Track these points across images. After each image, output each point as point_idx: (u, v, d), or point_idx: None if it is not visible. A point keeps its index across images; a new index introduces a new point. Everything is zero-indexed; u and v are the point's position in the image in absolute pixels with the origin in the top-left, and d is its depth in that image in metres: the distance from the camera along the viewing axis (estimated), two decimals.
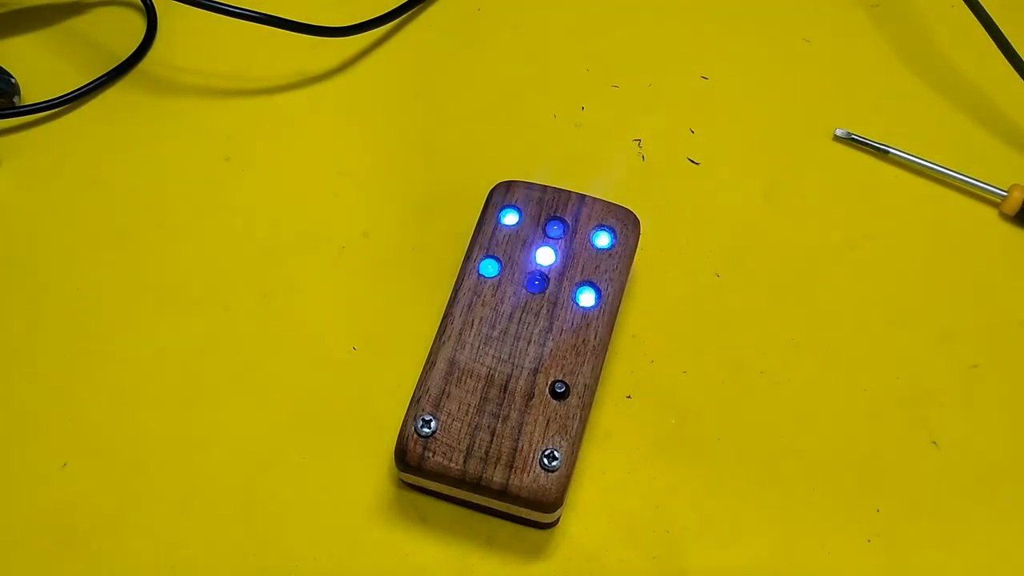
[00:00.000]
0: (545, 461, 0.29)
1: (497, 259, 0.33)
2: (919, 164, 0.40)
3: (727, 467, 0.34)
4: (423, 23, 0.44)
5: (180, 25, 0.43)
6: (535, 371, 0.31)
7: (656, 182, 0.40)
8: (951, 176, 0.39)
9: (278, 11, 0.40)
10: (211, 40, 0.43)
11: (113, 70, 0.42)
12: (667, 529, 0.32)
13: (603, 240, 0.33)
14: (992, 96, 0.42)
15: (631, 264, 0.34)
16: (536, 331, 0.32)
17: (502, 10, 0.44)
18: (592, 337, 0.32)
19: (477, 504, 0.31)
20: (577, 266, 0.33)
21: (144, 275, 0.37)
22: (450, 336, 0.32)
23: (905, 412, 0.35)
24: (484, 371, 0.31)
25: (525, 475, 0.29)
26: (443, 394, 0.31)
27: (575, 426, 0.30)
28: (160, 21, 0.43)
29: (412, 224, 0.39)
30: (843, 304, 0.37)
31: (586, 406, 0.31)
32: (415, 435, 0.30)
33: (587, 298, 0.32)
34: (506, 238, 0.33)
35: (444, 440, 0.30)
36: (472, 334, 0.32)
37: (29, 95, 0.41)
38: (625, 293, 0.33)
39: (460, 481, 0.30)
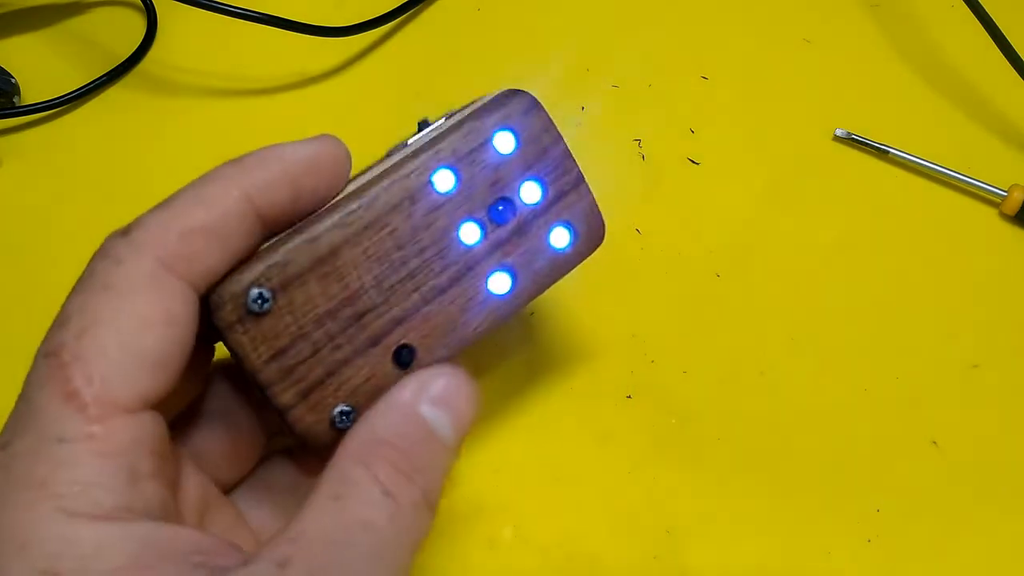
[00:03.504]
0: (338, 417, 0.26)
1: (459, 177, 0.27)
2: (919, 164, 0.40)
3: (727, 467, 0.34)
4: (423, 23, 0.44)
5: (180, 25, 0.43)
6: (399, 321, 0.26)
7: (656, 182, 0.40)
8: (951, 176, 0.39)
9: (278, 11, 0.40)
10: (211, 40, 0.43)
11: (113, 70, 0.42)
12: (667, 529, 0.32)
13: (559, 237, 0.28)
14: (992, 96, 0.42)
15: (564, 275, 0.29)
16: (431, 283, 0.27)
17: (502, 10, 0.44)
18: (474, 323, 0.27)
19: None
20: (517, 246, 0.28)
21: None
22: (351, 224, 0.25)
23: (905, 412, 0.35)
24: (355, 285, 0.25)
25: (311, 414, 0.25)
26: (298, 279, 0.25)
27: None
28: (160, 21, 0.43)
29: None
30: (843, 304, 0.37)
31: None
32: (242, 305, 0.24)
33: (501, 283, 0.28)
34: (484, 162, 0.27)
35: (265, 327, 0.25)
36: (374, 239, 0.26)
37: (29, 95, 0.41)
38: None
39: (251, 374, 0.25)
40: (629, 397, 0.35)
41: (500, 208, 0.27)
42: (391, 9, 0.43)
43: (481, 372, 0.35)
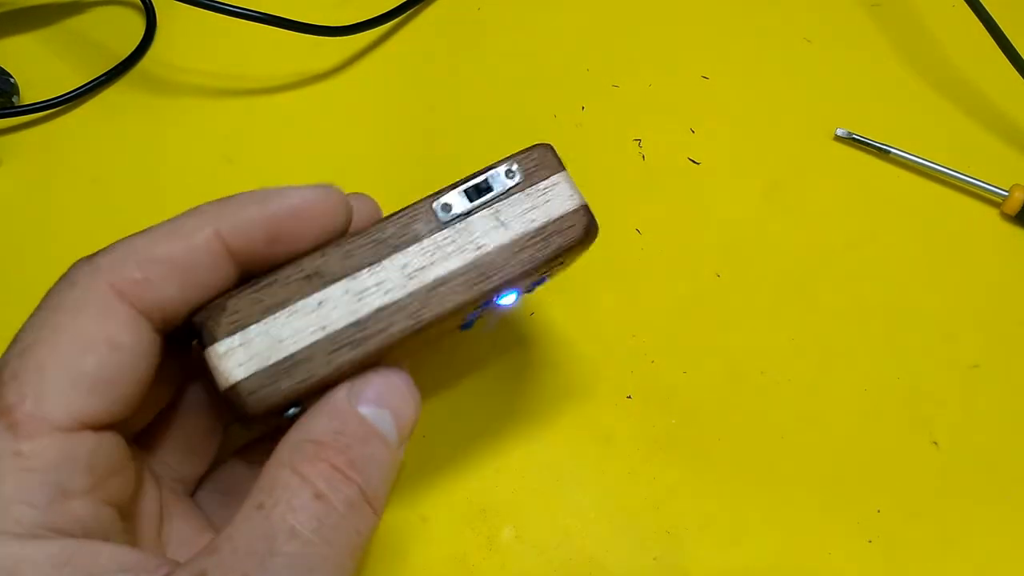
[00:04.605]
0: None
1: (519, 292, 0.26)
2: (920, 164, 0.40)
3: (727, 467, 0.34)
4: (423, 23, 0.44)
5: (180, 25, 0.43)
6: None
7: (656, 182, 0.40)
8: (952, 176, 0.39)
9: (278, 11, 0.40)
10: (211, 40, 0.43)
11: (112, 70, 0.42)
12: (667, 529, 0.32)
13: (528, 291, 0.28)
14: (992, 96, 0.42)
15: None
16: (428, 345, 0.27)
17: (502, 10, 0.44)
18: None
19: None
20: (499, 308, 0.28)
21: None
22: (405, 337, 0.24)
23: (905, 412, 0.35)
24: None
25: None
26: (326, 384, 0.23)
27: None
28: (160, 21, 0.43)
29: None
30: (843, 304, 0.37)
31: None
32: (276, 413, 0.23)
33: (466, 326, 0.29)
34: (533, 276, 0.26)
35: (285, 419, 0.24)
36: (413, 339, 0.24)
37: (29, 95, 0.41)
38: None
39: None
40: (629, 397, 0.35)
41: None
42: (391, 9, 0.43)
43: (481, 372, 0.35)
